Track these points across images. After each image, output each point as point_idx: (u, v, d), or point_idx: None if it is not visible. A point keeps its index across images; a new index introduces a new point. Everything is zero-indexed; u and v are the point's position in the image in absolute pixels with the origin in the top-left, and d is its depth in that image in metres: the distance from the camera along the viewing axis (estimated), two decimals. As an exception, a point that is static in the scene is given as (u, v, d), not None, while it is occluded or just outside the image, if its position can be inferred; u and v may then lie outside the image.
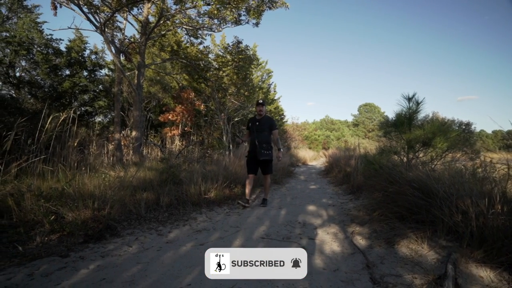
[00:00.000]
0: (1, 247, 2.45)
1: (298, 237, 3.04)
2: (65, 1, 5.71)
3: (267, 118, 4.51)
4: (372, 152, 6.02)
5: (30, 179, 3.45)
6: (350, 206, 4.48)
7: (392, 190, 3.11)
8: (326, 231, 3.27)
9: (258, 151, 4.28)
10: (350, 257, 2.49)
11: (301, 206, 4.60)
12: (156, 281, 2.03)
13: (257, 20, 6.69)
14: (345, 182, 6.72)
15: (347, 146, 12.68)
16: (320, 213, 4.12)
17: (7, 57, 8.54)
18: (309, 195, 5.66)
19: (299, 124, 27.77)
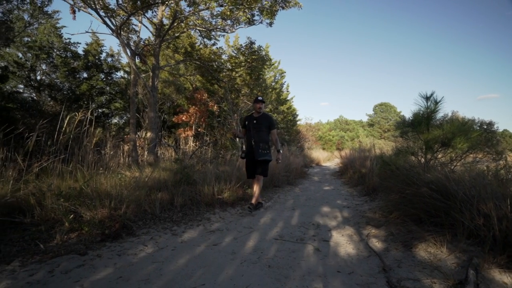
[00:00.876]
0: (24, 244, 2.53)
1: (312, 239, 3.00)
2: (82, 6, 5.87)
3: (265, 116, 4.19)
4: (388, 153, 5.90)
5: (50, 179, 3.56)
6: (365, 207, 4.39)
7: (410, 191, 3.03)
8: (341, 233, 3.22)
9: (255, 151, 3.99)
10: (366, 260, 2.44)
11: (315, 208, 4.55)
12: (170, 280, 2.05)
13: (271, 20, 6.68)
14: (360, 183, 6.61)
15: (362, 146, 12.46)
16: (335, 215, 4.07)
17: (29, 61, 8.88)
18: (323, 196, 5.60)
19: (312, 124, 27.57)
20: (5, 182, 3.22)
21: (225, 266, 2.31)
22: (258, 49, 8.09)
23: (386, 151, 7.75)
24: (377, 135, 39.14)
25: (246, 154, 4.20)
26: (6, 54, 8.56)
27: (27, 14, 5.82)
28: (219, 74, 8.37)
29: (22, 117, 6.11)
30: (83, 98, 9.37)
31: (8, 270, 2.12)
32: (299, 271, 2.23)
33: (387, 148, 9.32)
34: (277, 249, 2.70)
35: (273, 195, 5.54)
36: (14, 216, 2.84)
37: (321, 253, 2.61)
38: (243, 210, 4.26)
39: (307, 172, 10.16)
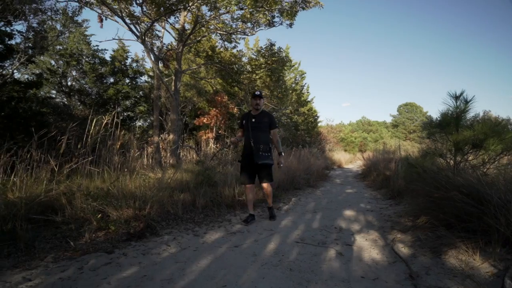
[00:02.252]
0: (56, 241, 2.67)
1: (335, 243, 2.94)
2: (110, 14, 6.14)
3: (265, 114, 3.73)
4: (414, 155, 5.68)
5: (80, 180, 3.74)
6: (390, 211, 4.25)
7: (438, 195, 2.89)
8: (365, 237, 3.13)
9: (255, 154, 3.51)
10: (391, 266, 2.36)
11: (337, 211, 4.46)
12: (193, 281, 2.08)
13: (291, 21, 6.66)
14: (384, 186, 6.41)
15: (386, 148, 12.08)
16: (358, 218, 3.96)
17: (61, 68, 9.39)
18: (346, 199, 5.48)
19: (334, 126, 27.11)
20: (40, 182, 3.41)
21: (246, 268, 2.31)
22: (278, 50, 8.08)
23: (412, 153, 7.46)
24: (401, 136, 37.79)
25: (243, 157, 3.72)
26: (41, 62, 9.10)
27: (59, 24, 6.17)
28: (239, 76, 8.44)
29: (54, 121, 6.46)
30: (110, 102, 9.77)
31: (42, 265, 2.24)
32: (322, 276, 2.19)
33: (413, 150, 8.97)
34: (299, 252, 2.66)
35: (293, 198, 5.49)
36: (47, 214, 3.00)
37: (344, 258, 2.54)
38: (263, 213, 4.25)
39: (328, 174, 9.99)
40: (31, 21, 3.55)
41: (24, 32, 4.73)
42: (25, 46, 3.67)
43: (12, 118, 4.77)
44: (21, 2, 3.01)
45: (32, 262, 2.28)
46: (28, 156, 3.59)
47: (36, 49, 3.43)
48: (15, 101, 5.05)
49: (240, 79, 8.54)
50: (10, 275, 2.06)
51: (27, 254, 2.41)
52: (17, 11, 3.20)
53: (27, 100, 5.53)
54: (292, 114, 14.05)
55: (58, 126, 5.75)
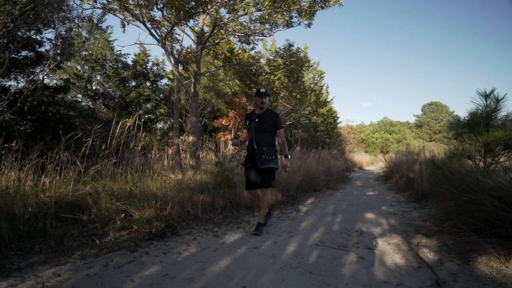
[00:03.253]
0: (83, 239, 2.78)
1: (356, 246, 2.87)
2: (131, 19, 6.34)
3: (270, 113, 3.43)
4: (440, 156, 5.46)
5: (104, 180, 3.88)
6: (414, 215, 4.10)
7: (466, 199, 2.75)
8: (387, 241, 3.03)
9: (257, 157, 3.19)
10: (416, 272, 2.27)
11: (358, 213, 4.36)
12: (212, 281, 2.10)
13: (309, 21, 6.60)
14: (407, 189, 6.20)
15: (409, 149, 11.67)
16: (380, 222, 3.85)
17: (86, 73, 9.81)
18: (367, 202, 5.34)
19: (354, 126, 26.57)
20: (67, 182, 3.57)
21: (265, 269, 2.31)
22: (297, 51, 8.03)
23: (437, 154, 7.17)
24: (426, 137, 36.43)
25: (247, 160, 3.44)
26: (68, 68, 9.55)
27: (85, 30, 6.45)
28: (257, 78, 8.46)
29: (80, 123, 6.76)
30: (132, 105, 10.08)
31: (70, 262, 2.34)
32: (342, 279, 2.14)
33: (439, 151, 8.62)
34: (318, 255, 2.62)
35: (313, 200, 5.42)
36: (74, 213, 3.13)
37: (365, 262, 2.48)
38: (282, 214, 4.23)
39: (348, 176, 9.80)
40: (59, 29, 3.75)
41: (53, 40, 5.00)
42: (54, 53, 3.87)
43: (42, 121, 5.03)
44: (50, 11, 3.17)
45: (61, 258, 2.39)
46: (57, 158, 3.78)
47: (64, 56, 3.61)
48: (44, 105, 5.33)
49: (258, 80, 8.55)
50: (41, 270, 2.17)
51: (56, 251, 2.53)
52: (47, 20, 3.38)
53: (56, 104, 5.82)
54: (311, 115, 13.90)
55: (84, 129, 6.00)
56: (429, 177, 4.57)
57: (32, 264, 2.26)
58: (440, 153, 7.27)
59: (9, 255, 2.39)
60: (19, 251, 2.47)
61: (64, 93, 6.15)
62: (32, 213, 2.85)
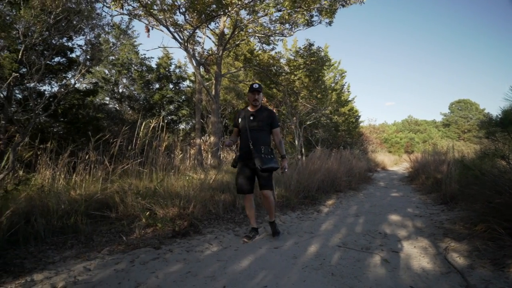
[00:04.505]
0: (111, 236, 2.91)
1: (379, 249, 2.80)
2: (155, 24, 6.54)
3: (265, 111, 3.16)
4: (470, 156, 5.20)
5: (130, 179, 4.03)
6: (442, 217, 3.93)
7: (500, 201, 2.61)
8: (413, 244, 2.93)
9: (256, 157, 2.91)
10: (444, 277, 2.18)
11: (382, 215, 4.24)
12: (234, 279, 2.12)
13: (330, 20, 6.50)
14: (434, 190, 5.95)
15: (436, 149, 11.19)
16: (405, 224, 3.73)
17: (113, 77, 10.23)
18: (391, 204, 5.19)
19: (376, 126, 25.85)
20: (96, 181, 3.75)
21: (286, 270, 2.31)
22: (317, 50, 7.94)
23: (467, 154, 6.83)
24: (454, 136, 34.73)
25: (240, 160, 3.13)
26: (96, 72, 9.99)
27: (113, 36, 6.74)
28: (277, 78, 8.45)
29: (108, 125, 7.06)
30: (156, 107, 10.38)
31: (99, 257, 2.45)
32: (366, 282, 2.10)
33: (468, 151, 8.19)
34: (341, 257, 2.59)
35: (334, 200, 5.33)
36: (103, 211, 3.28)
37: (390, 265, 2.41)
38: (303, 215, 4.20)
39: (371, 176, 9.54)
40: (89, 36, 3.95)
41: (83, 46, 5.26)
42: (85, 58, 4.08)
43: (73, 123, 5.32)
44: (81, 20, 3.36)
45: (91, 253, 2.51)
46: (87, 157, 3.97)
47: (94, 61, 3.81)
48: (75, 108, 5.63)
49: (278, 80, 8.54)
50: (73, 264, 2.29)
51: (86, 246, 2.67)
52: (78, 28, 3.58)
53: (85, 106, 6.12)
54: (332, 115, 13.68)
55: (111, 130, 6.27)
56: (458, 178, 4.37)
57: (65, 258, 2.39)
58: (469, 153, 6.91)
59: (44, 249, 2.54)
60: (53, 246, 2.62)
61: (93, 96, 6.46)
62: (65, 210, 3.01)
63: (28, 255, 2.40)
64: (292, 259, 2.52)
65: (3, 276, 2.05)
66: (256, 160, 2.91)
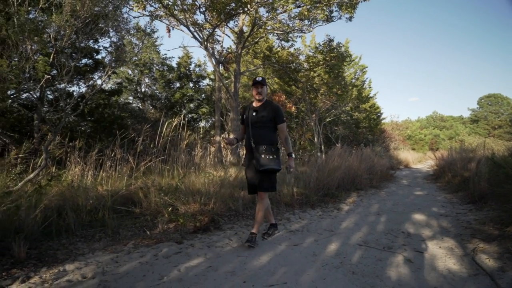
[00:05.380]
0: (135, 230, 3.03)
1: (402, 248, 2.73)
2: (176, 24, 6.68)
3: (269, 105, 2.90)
4: (501, 153, 4.94)
5: (153, 176, 4.16)
6: (470, 217, 3.77)
7: (533, 201, 2.47)
8: (438, 244, 2.84)
9: (256, 157, 2.72)
10: (472, 279, 2.10)
11: (405, 214, 4.13)
12: (254, 275, 2.15)
13: (350, 14, 6.37)
14: (461, 189, 5.70)
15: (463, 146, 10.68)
16: (429, 223, 3.61)
17: (136, 77, 10.55)
18: (414, 202, 5.03)
19: (399, 122, 25.05)
20: (121, 178, 3.90)
21: (306, 267, 2.31)
22: (337, 46, 7.80)
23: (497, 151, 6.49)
24: (483, 132, 32.99)
25: (246, 161, 2.96)
26: (120, 72, 10.35)
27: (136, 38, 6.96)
28: (297, 74, 8.38)
29: (131, 123, 7.31)
30: (177, 105, 10.62)
31: (125, 250, 2.56)
32: (388, 282, 2.06)
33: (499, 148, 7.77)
34: (362, 256, 2.55)
35: (355, 198, 5.25)
36: (128, 206, 3.42)
37: (413, 265, 2.35)
38: (323, 213, 4.17)
39: (393, 174, 9.28)
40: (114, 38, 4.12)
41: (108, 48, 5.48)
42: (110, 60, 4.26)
43: (99, 122, 5.56)
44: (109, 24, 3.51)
45: (117, 246, 2.63)
46: (112, 155, 4.15)
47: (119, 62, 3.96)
48: (101, 107, 5.87)
49: (297, 77, 8.48)
50: (101, 256, 2.41)
51: (113, 240, 2.79)
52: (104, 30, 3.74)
53: (111, 106, 6.37)
54: (353, 111, 13.41)
55: (135, 128, 6.49)
56: (488, 177, 4.17)
57: (94, 250, 2.52)
58: (500, 150, 6.56)
59: (75, 241, 2.69)
60: (83, 238, 2.77)
61: (117, 96, 6.71)
62: (93, 205, 3.17)
63: (61, 246, 2.55)
64: (312, 257, 2.52)
65: (38, 266, 2.20)
66: (255, 160, 2.74)
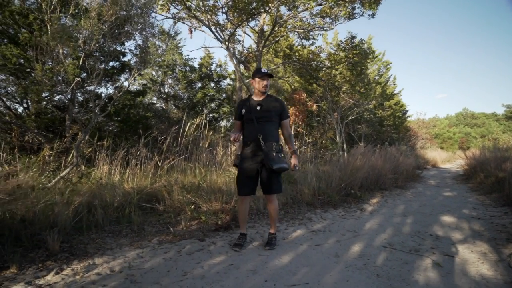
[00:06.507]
0: (159, 226, 3.12)
1: (430, 251, 2.63)
2: (197, 25, 6.79)
3: (274, 100, 2.75)
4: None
5: (176, 174, 4.26)
6: (505, 221, 3.56)
7: None
8: (470, 248, 2.70)
9: (267, 155, 2.53)
10: (508, 286, 1.98)
11: (432, 216, 3.96)
12: (275, 274, 2.15)
13: (373, 11, 6.17)
14: (495, 191, 5.39)
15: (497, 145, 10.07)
16: (460, 226, 3.44)
17: (159, 78, 10.85)
18: (443, 204, 4.81)
19: (426, 120, 24.05)
20: (146, 176, 4.03)
21: (328, 268, 2.27)
22: (360, 42, 7.59)
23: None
24: (520, 130, 30.91)
25: (243, 159, 2.70)
26: (145, 74, 10.68)
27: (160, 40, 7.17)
28: (318, 73, 8.26)
29: (155, 123, 7.51)
30: (198, 105, 10.79)
31: (150, 246, 2.64)
32: (415, 286, 1.99)
33: (538, 147, 7.25)
34: (386, 258, 2.48)
35: (379, 199, 5.10)
36: (152, 203, 3.53)
37: (443, 269, 2.25)
38: (345, 213, 4.09)
39: (420, 174, 8.92)
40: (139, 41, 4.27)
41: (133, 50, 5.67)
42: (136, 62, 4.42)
43: (125, 122, 5.76)
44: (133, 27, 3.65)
45: (143, 242, 2.72)
46: (137, 153, 4.29)
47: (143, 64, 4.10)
48: (127, 108, 6.08)
49: (319, 75, 8.35)
50: (128, 251, 2.50)
51: (138, 235, 2.89)
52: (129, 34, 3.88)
53: (136, 106, 6.58)
54: (376, 109, 13.02)
55: (158, 128, 6.66)
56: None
57: (121, 245, 2.62)
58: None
59: (103, 236, 2.81)
60: (111, 233, 2.89)
61: (142, 97, 6.93)
62: (120, 202, 3.30)
63: (90, 241, 2.67)
64: (334, 258, 2.48)
65: (70, 258, 2.32)
66: (267, 158, 2.52)
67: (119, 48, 5.39)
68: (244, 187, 2.69)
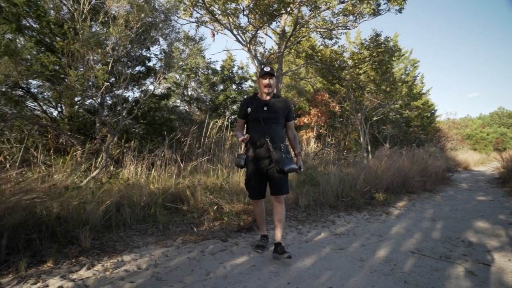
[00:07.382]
0: (184, 226, 3.19)
1: (463, 259, 2.49)
2: (219, 29, 6.90)
3: (281, 100, 2.69)
4: None
5: (199, 175, 4.34)
6: (547, 228, 3.30)
7: None
8: (507, 257, 2.53)
9: (277, 157, 2.46)
10: (551, 298, 1.84)
11: (464, 221, 3.75)
12: (298, 277, 2.13)
13: (400, 6, 5.97)
14: (535, 195, 5.02)
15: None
16: (496, 233, 3.24)
17: (183, 81, 11.12)
18: (476, 208, 4.55)
19: (456, 120, 22.89)
20: (171, 176, 4.14)
21: (353, 272, 2.22)
22: (385, 40, 7.37)
23: None
24: None
25: (251, 161, 2.64)
26: (169, 77, 11.00)
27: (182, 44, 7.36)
28: (341, 73, 8.10)
29: (179, 125, 7.70)
30: (220, 107, 10.94)
31: (174, 245, 2.71)
32: (445, 294, 1.90)
33: None
34: (415, 264, 2.38)
35: (406, 202, 4.91)
36: (176, 203, 3.61)
37: (476, 278, 2.13)
38: (370, 216, 3.97)
39: (451, 177, 8.49)
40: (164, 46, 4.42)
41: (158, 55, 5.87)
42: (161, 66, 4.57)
43: (151, 124, 5.96)
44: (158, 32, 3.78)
45: (168, 241, 2.79)
46: (162, 155, 4.42)
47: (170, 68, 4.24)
48: (152, 110, 6.29)
49: (341, 75, 8.19)
50: (153, 250, 2.58)
51: (164, 234, 2.97)
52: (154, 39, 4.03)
53: (161, 109, 6.79)
54: (403, 109, 12.56)
55: (182, 130, 6.83)
56: None
57: (147, 244, 2.71)
58: None
59: (131, 234, 2.92)
60: (138, 232, 2.99)
61: (167, 100, 7.15)
62: (146, 201, 3.41)
63: (119, 239, 2.78)
64: (359, 262, 2.42)
65: (100, 255, 2.42)
66: (277, 160, 2.47)
67: (145, 53, 5.58)
68: (255, 191, 2.69)
